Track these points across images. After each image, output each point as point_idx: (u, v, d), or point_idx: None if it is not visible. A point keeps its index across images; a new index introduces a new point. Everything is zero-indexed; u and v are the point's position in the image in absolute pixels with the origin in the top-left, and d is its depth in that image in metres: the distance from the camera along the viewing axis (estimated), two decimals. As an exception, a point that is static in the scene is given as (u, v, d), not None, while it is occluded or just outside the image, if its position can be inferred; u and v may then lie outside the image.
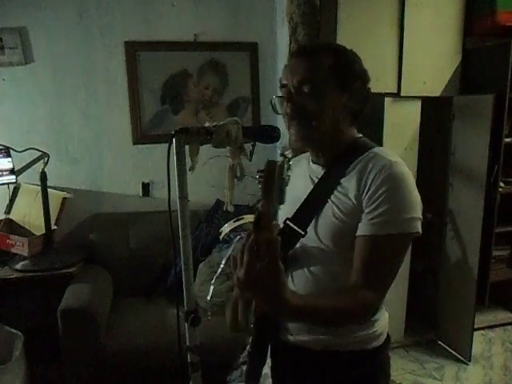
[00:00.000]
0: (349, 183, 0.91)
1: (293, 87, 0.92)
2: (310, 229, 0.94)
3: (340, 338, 0.95)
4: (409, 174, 0.89)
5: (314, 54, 0.93)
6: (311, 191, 0.97)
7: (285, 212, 1.01)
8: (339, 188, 0.92)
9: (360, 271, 0.86)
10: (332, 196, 0.92)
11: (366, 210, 0.87)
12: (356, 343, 0.96)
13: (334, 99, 0.92)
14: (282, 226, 0.99)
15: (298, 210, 0.97)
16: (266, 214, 0.68)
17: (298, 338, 0.99)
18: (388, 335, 1.03)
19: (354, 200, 0.89)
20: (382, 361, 1.02)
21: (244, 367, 1.09)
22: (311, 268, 0.96)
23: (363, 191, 0.88)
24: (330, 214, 0.92)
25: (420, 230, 0.87)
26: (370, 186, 0.87)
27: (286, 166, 0.71)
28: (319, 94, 0.90)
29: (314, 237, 0.94)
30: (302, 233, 0.94)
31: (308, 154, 1.06)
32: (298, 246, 0.98)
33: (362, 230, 0.87)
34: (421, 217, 0.88)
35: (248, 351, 1.05)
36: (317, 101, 0.90)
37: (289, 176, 0.83)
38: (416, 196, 0.88)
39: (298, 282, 0.98)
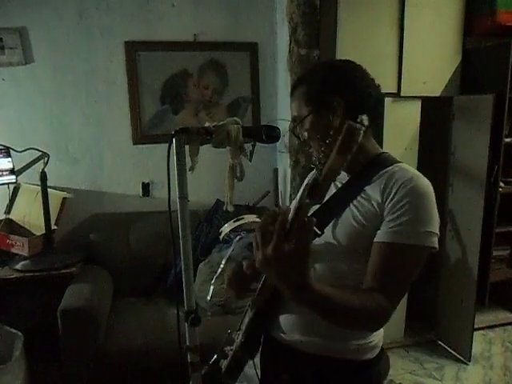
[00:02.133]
0: (372, 191, 0.92)
1: (292, 123, 1.05)
2: (328, 229, 0.95)
3: (334, 343, 0.95)
4: (432, 191, 0.90)
5: (294, 89, 1.04)
6: (334, 194, 0.99)
7: None
8: (362, 194, 0.94)
9: (376, 277, 0.86)
10: (354, 201, 0.94)
11: (387, 218, 0.88)
12: (350, 352, 0.95)
13: (326, 119, 0.97)
14: None
15: (317, 209, 0.97)
16: (333, 172, 0.61)
17: (291, 338, 0.99)
18: (382, 348, 1.03)
19: (376, 207, 0.90)
20: (376, 375, 1.01)
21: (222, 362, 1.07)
22: (316, 265, 0.96)
23: (386, 199, 0.89)
24: (350, 217, 0.93)
25: (437, 245, 0.88)
26: (393, 195, 0.88)
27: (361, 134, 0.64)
28: (308, 122, 0.99)
29: (330, 237, 0.95)
30: (319, 232, 0.94)
31: None
32: None
33: (381, 236, 0.88)
34: (438, 233, 0.89)
35: (237, 345, 1.03)
36: (308, 129, 1.00)
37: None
38: (436, 212, 0.89)
39: None
